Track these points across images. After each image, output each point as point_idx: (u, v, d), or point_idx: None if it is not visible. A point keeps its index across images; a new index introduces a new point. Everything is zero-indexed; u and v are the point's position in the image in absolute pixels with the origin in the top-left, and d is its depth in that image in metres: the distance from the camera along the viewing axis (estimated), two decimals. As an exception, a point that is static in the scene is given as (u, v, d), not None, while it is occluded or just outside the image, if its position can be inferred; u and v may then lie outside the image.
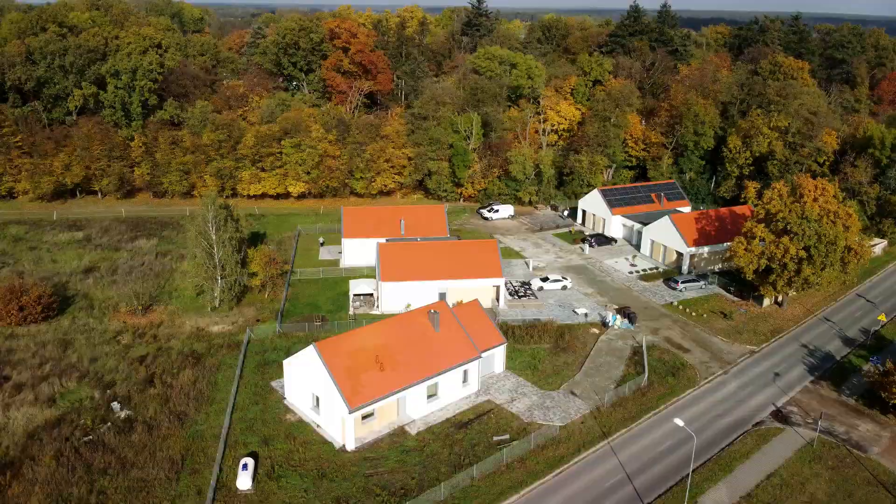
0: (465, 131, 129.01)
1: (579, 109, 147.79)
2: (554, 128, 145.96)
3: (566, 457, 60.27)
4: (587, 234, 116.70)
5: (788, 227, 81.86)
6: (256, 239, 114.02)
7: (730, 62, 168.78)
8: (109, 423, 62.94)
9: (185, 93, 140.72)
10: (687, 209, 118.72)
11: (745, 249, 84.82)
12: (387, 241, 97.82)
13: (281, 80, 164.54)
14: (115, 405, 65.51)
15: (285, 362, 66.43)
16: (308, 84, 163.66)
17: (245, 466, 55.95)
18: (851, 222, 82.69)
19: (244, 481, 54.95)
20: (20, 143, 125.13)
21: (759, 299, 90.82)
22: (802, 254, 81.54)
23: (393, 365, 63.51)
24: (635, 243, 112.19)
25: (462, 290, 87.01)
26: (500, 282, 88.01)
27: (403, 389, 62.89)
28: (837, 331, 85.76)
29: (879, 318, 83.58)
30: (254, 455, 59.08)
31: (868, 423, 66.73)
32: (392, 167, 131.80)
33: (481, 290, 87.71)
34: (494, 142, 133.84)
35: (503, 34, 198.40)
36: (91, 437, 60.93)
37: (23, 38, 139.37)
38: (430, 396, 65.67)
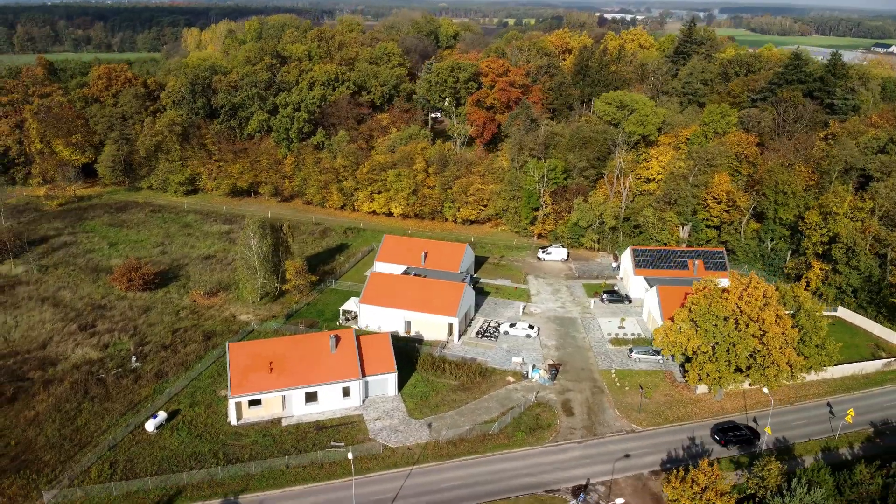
0: (540, 176, 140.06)
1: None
2: (654, 178, 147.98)
3: (368, 470, 75.71)
4: (614, 288, 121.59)
5: (696, 320, 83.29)
6: (341, 249, 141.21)
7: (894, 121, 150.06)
8: (120, 370, 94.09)
9: (340, 121, 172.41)
10: (725, 281, 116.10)
11: (665, 333, 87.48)
12: (406, 269, 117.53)
13: (436, 112, 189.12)
14: (133, 358, 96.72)
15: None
16: (457, 116, 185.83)
17: (155, 416, 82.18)
18: (767, 328, 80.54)
19: (149, 426, 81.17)
20: (215, 152, 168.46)
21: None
22: (706, 349, 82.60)
23: (280, 370, 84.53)
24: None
25: (422, 321, 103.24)
26: (454, 320, 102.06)
27: (282, 390, 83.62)
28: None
29: (766, 430, 79.87)
30: (176, 412, 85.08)
31: (659, 521, 69.99)
32: (478, 200, 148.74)
33: (437, 324, 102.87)
34: (571, 186, 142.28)
35: (692, 66, 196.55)
36: (103, 376, 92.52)
37: (244, 66, 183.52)
38: (308, 401, 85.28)
